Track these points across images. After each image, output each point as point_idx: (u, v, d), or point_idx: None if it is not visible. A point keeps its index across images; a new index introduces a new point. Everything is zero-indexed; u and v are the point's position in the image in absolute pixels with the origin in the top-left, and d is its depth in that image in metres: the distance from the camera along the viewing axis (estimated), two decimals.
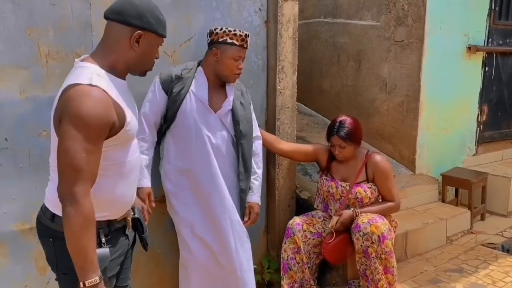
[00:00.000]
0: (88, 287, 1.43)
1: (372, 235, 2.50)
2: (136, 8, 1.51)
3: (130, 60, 1.56)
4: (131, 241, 1.78)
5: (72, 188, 1.39)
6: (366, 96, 4.16)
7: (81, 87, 1.39)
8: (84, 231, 1.41)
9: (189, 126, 2.33)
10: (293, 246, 2.67)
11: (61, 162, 1.39)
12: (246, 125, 2.43)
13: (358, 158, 2.76)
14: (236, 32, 2.30)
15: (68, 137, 1.37)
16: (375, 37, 4.00)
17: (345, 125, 2.68)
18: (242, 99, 2.44)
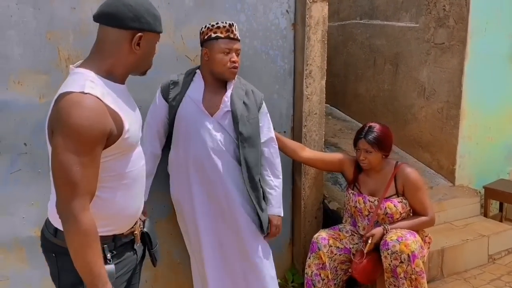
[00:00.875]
0: None
1: (401, 254, 2.32)
2: (133, 10, 1.41)
3: (131, 63, 1.48)
4: (139, 256, 1.70)
5: (69, 205, 1.32)
6: (403, 101, 3.94)
7: (73, 96, 1.31)
8: (86, 248, 1.34)
9: (186, 131, 2.22)
10: (317, 261, 2.52)
11: (55, 177, 1.32)
12: (248, 127, 2.25)
13: (386, 170, 2.58)
14: (219, 25, 2.16)
15: (60, 150, 1.29)
16: (414, 39, 3.77)
17: (374, 129, 2.52)
18: (246, 98, 2.28)
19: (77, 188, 1.31)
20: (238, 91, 2.27)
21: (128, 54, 1.45)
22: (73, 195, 1.31)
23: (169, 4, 2.38)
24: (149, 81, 2.38)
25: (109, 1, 1.44)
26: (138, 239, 1.66)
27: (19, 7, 2.09)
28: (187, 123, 2.21)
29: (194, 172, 2.25)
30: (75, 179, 1.31)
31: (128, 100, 1.54)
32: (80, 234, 1.33)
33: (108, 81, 1.43)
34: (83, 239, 1.33)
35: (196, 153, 2.22)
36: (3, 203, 2.18)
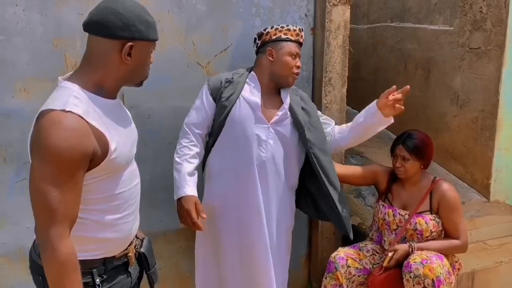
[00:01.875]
0: None
1: (425, 278, 2.13)
2: (121, 17, 1.30)
3: (122, 75, 1.37)
4: (134, 278, 1.60)
5: (47, 233, 1.22)
6: (435, 109, 3.70)
7: (53, 114, 1.21)
8: (63, 279, 1.25)
9: (237, 137, 2.08)
10: (334, 282, 2.36)
11: (33, 202, 1.23)
12: (314, 133, 2.16)
13: (423, 183, 2.40)
14: (290, 27, 2.09)
15: (37, 174, 1.20)
16: (447, 43, 3.53)
17: (414, 137, 2.37)
18: (304, 104, 2.20)
19: (55, 215, 1.22)
20: (294, 98, 2.18)
21: (119, 66, 1.35)
22: (51, 222, 1.22)
23: (180, 9, 2.29)
24: (158, 89, 2.32)
25: (97, 8, 1.34)
26: (132, 261, 1.56)
27: (26, 14, 2.05)
28: (243, 127, 2.08)
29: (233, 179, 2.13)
30: (53, 206, 1.21)
31: (119, 116, 1.43)
32: (57, 264, 1.24)
33: (96, 97, 1.33)
34: (60, 269, 1.24)
35: (239, 159, 2.10)
36: (8, 212, 2.15)
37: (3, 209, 2.15)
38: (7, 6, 2.01)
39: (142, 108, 2.31)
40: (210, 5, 2.34)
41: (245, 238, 2.15)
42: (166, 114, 2.35)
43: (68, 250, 1.25)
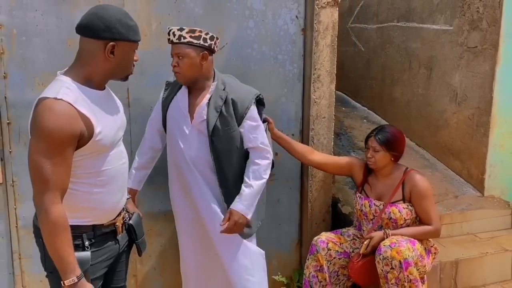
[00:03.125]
0: (67, 286, 1.55)
1: (392, 260, 2.30)
2: (104, 21, 1.56)
3: (108, 71, 1.63)
4: (122, 245, 1.84)
5: (41, 198, 1.49)
6: (436, 106, 3.81)
7: (46, 101, 1.49)
8: (54, 236, 1.51)
9: (171, 134, 2.31)
10: (315, 263, 2.56)
11: (31, 173, 1.50)
12: (224, 142, 2.22)
13: (395, 175, 2.55)
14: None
15: (33, 150, 1.48)
16: (448, 42, 3.64)
17: (386, 130, 2.54)
18: (224, 108, 2.21)
19: (48, 184, 1.48)
20: (216, 100, 2.22)
21: (104, 62, 1.60)
22: (44, 189, 1.49)
23: (179, 12, 2.55)
24: (160, 84, 2.58)
25: (86, 14, 1.61)
26: (120, 230, 1.81)
27: (44, 17, 2.36)
28: (172, 125, 2.30)
29: (175, 173, 2.36)
30: (47, 176, 1.48)
31: (106, 104, 1.68)
32: (49, 224, 1.50)
33: (85, 88, 1.59)
34: (51, 229, 1.50)
35: (175, 155, 2.31)
36: (28, 190, 2.46)
37: (24, 188, 2.47)
38: (28, 11, 2.33)
39: (145, 101, 2.58)
40: (206, 8, 2.58)
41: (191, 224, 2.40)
42: None
43: (59, 213, 1.52)
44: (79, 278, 1.56)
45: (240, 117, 2.25)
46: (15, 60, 2.35)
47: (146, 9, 2.50)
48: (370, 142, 2.52)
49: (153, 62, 2.55)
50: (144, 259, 2.74)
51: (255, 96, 2.31)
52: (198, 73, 2.21)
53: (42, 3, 2.34)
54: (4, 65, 2.34)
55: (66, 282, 1.54)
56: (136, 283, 2.74)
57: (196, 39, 2.15)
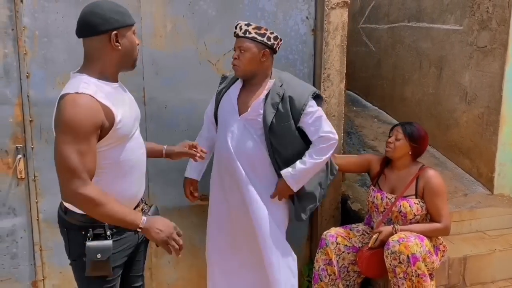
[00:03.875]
0: (143, 228, 1.68)
1: (400, 254, 2.35)
2: (100, 16, 1.64)
3: (118, 60, 1.71)
4: (141, 236, 1.92)
5: (69, 187, 1.58)
6: (446, 105, 3.85)
7: (68, 96, 1.59)
8: (101, 208, 1.61)
9: (221, 127, 2.40)
10: (324, 257, 2.63)
11: (57, 165, 1.60)
12: (279, 137, 2.30)
13: (411, 170, 2.62)
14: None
15: (59, 143, 1.58)
16: (458, 42, 3.68)
17: (414, 125, 2.64)
18: (281, 106, 2.29)
19: (76, 172, 1.57)
20: (273, 96, 2.30)
21: (112, 53, 1.69)
22: (72, 177, 1.57)
23: (193, 14, 2.64)
24: (174, 83, 2.68)
25: (80, 16, 1.70)
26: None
27: (64, 20, 2.47)
28: (222, 117, 2.40)
29: (219, 167, 2.44)
30: (74, 165, 1.57)
31: (122, 96, 1.78)
32: (89, 201, 1.59)
33: (101, 81, 1.69)
34: (96, 205, 1.59)
35: (221, 149, 2.40)
36: (48, 185, 2.58)
37: (45, 183, 2.58)
38: (49, 13, 2.44)
39: (160, 100, 2.68)
40: (219, 10, 2.67)
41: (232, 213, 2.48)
42: (181, 105, 2.70)
43: (92, 189, 1.59)
44: (145, 218, 1.68)
45: (298, 114, 2.32)
46: (37, 60, 2.47)
47: (162, 11, 2.59)
48: (395, 130, 2.62)
49: (168, 62, 2.65)
50: (159, 253, 2.83)
51: (311, 93, 2.38)
52: (256, 68, 2.30)
53: (62, 6, 2.45)
54: (27, 65, 2.45)
55: (141, 225, 1.67)
56: (151, 275, 2.84)
57: (260, 36, 2.26)
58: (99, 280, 1.77)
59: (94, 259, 1.71)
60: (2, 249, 2.57)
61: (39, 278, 2.65)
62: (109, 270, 1.75)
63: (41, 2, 2.42)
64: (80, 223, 1.74)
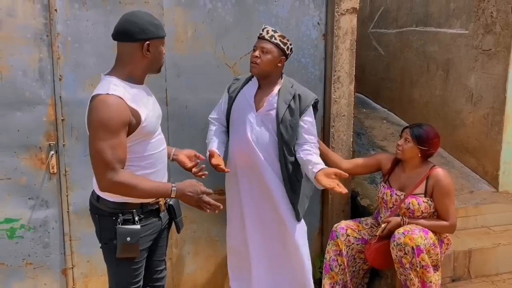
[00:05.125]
0: (176, 195, 1.91)
1: (405, 246, 2.50)
2: (138, 25, 1.85)
3: (146, 66, 1.93)
4: (164, 222, 2.12)
5: (105, 178, 1.78)
6: (452, 107, 3.99)
7: (100, 97, 1.79)
8: (136, 189, 1.82)
9: (237, 121, 2.59)
10: (335, 248, 2.78)
11: (93, 159, 1.80)
12: (289, 130, 2.53)
13: (421, 169, 2.73)
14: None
15: (93, 138, 1.78)
16: (463, 45, 3.82)
17: (422, 127, 2.73)
18: (292, 103, 2.54)
19: (110, 163, 1.78)
20: (285, 94, 2.55)
21: (142, 59, 1.90)
22: (107, 170, 1.78)
23: (212, 21, 2.83)
24: (194, 85, 2.87)
25: (119, 22, 1.91)
26: (162, 208, 2.09)
27: (94, 27, 2.68)
28: (238, 115, 2.60)
29: (239, 160, 2.62)
30: (107, 158, 1.77)
31: (146, 97, 1.98)
32: (124, 187, 1.80)
33: (128, 83, 1.89)
34: (129, 188, 1.80)
35: (240, 143, 2.59)
36: (78, 179, 2.78)
37: (75, 177, 2.78)
38: (80, 21, 2.65)
39: (181, 100, 2.87)
40: (236, 17, 2.86)
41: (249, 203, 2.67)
42: (200, 105, 2.88)
43: (126, 174, 1.81)
44: (174, 185, 1.90)
45: (302, 111, 2.58)
46: (69, 64, 2.67)
47: (183, 18, 2.79)
48: (404, 132, 2.74)
49: (189, 65, 2.84)
50: (179, 244, 3.02)
51: (315, 98, 2.66)
52: (272, 70, 2.54)
53: (92, 15, 2.66)
54: (60, 69, 2.66)
55: (172, 194, 1.89)
56: (172, 265, 3.02)
57: (283, 44, 2.51)
58: (128, 261, 1.97)
59: (124, 242, 1.90)
60: (36, 239, 2.77)
61: (68, 266, 2.85)
62: (138, 252, 1.94)
63: (73, 11, 2.63)
64: (111, 209, 1.93)
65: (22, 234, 2.74)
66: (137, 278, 2.03)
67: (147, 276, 2.17)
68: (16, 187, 2.69)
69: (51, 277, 2.83)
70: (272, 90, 2.58)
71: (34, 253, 2.79)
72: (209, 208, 1.95)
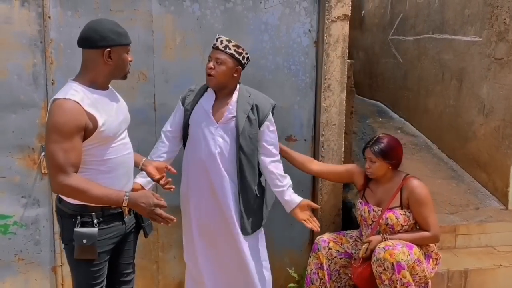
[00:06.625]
0: (128, 205, 1.92)
1: (385, 261, 2.40)
2: (99, 33, 1.90)
3: (108, 72, 1.97)
4: (129, 226, 2.14)
5: (57, 180, 1.83)
6: (465, 118, 3.79)
7: (57, 102, 1.85)
8: (87, 194, 1.85)
9: (197, 136, 2.53)
10: (316, 261, 2.71)
11: (47, 162, 1.86)
12: (248, 142, 2.48)
13: (394, 181, 2.64)
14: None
15: (48, 141, 1.84)
16: (477, 54, 3.63)
17: (381, 141, 2.63)
18: (251, 113, 2.50)
19: (61, 167, 1.83)
20: (244, 104, 2.50)
21: (104, 66, 1.94)
22: (58, 172, 1.83)
23: (200, 28, 2.85)
24: (182, 90, 2.89)
25: (83, 29, 1.97)
26: (126, 213, 2.10)
27: None
28: (197, 128, 2.54)
29: (195, 173, 2.56)
30: (59, 161, 1.82)
31: (109, 102, 2.01)
32: (74, 190, 1.84)
33: (90, 89, 1.93)
34: (80, 191, 1.84)
35: (200, 154, 2.53)
36: None
37: None
38: (73, 27, 2.72)
39: (169, 106, 2.89)
40: (225, 24, 2.87)
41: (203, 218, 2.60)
42: None
43: (75, 178, 1.84)
44: (127, 194, 1.92)
45: (261, 121, 2.53)
46: (62, 69, 2.78)
47: (172, 25, 2.83)
48: (366, 153, 2.64)
49: (177, 71, 2.88)
50: (166, 248, 3.05)
51: (272, 105, 2.60)
52: (228, 81, 2.49)
53: (84, 22, 2.63)
54: (53, 73, 2.77)
55: (124, 203, 1.91)
56: (158, 269, 3.06)
57: (238, 54, 2.47)
58: (87, 263, 2.00)
59: (81, 244, 1.94)
60: (27, 236, 2.89)
61: (58, 264, 2.95)
62: (95, 254, 1.97)
63: (66, 18, 2.74)
64: (71, 211, 1.98)
65: (14, 230, 2.87)
66: (98, 280, 2.07)
67: (114, 279, 2.20)
68: (10, 185, 2.82)
69: (42, 274, 2.94)
70: (230, 100, 2.53)
71: (26, 249, 2.91)
72: (161, 221, 1.95)
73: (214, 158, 2.50)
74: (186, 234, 2.73)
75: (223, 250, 2.63)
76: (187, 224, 2.69)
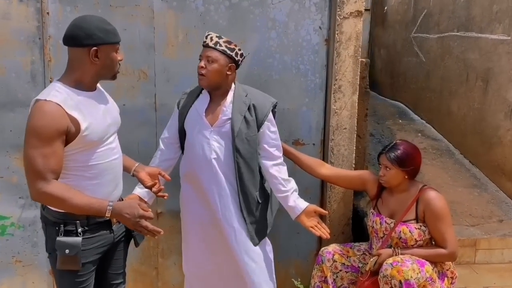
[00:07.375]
0: (111, 215, 1.79)
1: (392, 279, 2.21)
2: (84, 30, 1.75)
3: (95, 72, 1.82)
4: (118, 235, 2.01)
5: (35, 187, 1.70)
6: (490, 122, 3.54)
7: (38, 103, 1.72)
8: (68, 202, 1.72)
9: (192, 141, 2.38)
10: (320, 274, 2.55)
11: (25, 167, 1.73)
12: (246, 144, 2.32)
13: (410, 192, 2.44)
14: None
15: (26, 146, 1.71)
16: (505, 53, 3.37)
17: (397, 147, 2.43)
18: (248, 114, 2.33)
19: (40, 173, 1.69)
20: (240, 105, 2.34)
21: (90, 66, 1.80)
22: (38, 178, 1.69)
23: (204, 24, 2.71)
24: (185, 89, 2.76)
25: (68, 26, 1.82)
26: (114, 221, 1.97)
27: None
28: (192, 132, 2.40)
29: (192, 180, 2.43)
30: (38, 167, 1.69)
31: (96, 105, 1.87)
32: (54, 198, 1.71)
33: (75, 90, 1.80)
34: (59, 200, 1.71)
35: (196, 159, 2.38)
36: None
37: None
38: None
39: (171, 106, 2.75)
40: (230, 20, 2.71)
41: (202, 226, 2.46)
42: None
43: (56, 184, 1.71)
44: (110, 204, 1.78)
45: (260, 121, 2.36)
46: (60, 67, 2.65)
47: (174, 21, 2.70)
48: (381, 159, 2.45)
49: (179, 70, 2.74)
50: (166, 254, 2.93)
51: (273, 103, 2.41)
52: (221, 80, 2.33)
53: None
54: (51, 71, 2.68)
55: (107, 213, 1.77)
56: (157, 275, 2.95)
57: (230, 50, 2.29)
58: (71, 273, 1.88)
59: (63, 254, 1.82)
60: (25, 237, 2.82)
61: None
62: (78, 265, 1.85)
63: (65, 14, 2.64)
64: (55, 219, 1.86)
65: (12, 231, 2.80)
66: None
67: None
68: (7, 185, 2.75)
69: (39, 276, 2.87)
70: (225, 101, 2.36)
71: (23, 251, 2.84)
72: (147, 233, 1.81)
73: (210, 164, 2.35)
74: (185, 242, 2.60)
75: (222, 260, 2.49)
76: (186, 232, 2.57)
